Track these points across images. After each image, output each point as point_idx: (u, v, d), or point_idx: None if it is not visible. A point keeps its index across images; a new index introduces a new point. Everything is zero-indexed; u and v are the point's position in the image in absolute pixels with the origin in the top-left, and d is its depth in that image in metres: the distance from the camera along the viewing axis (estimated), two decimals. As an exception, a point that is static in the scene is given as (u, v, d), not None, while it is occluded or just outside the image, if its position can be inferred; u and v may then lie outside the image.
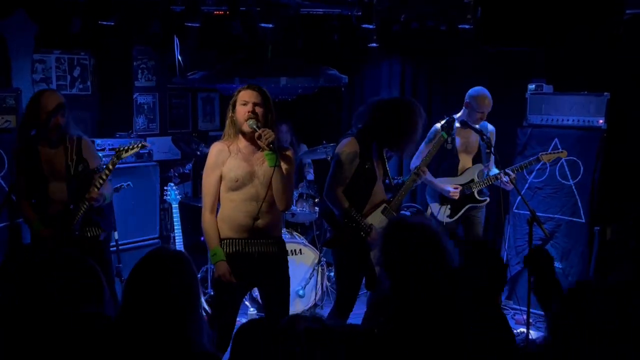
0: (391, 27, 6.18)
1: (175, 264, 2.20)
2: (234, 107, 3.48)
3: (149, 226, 5.88)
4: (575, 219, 5.08)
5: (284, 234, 5.40)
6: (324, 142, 5.89)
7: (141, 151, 5.92)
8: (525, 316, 4.26)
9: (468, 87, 4.95)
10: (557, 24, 2.85)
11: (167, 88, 6.64)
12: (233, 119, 3.49)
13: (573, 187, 5.09)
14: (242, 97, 3.45)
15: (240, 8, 5.29)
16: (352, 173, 3.85)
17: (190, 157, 6.24)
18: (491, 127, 4.95)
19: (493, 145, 4.79)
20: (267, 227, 3.50)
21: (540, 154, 4.82)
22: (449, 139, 4.76)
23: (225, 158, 3.47)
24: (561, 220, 5.15)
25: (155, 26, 5.30)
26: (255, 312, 5.19)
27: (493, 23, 2.96)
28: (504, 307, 5.21)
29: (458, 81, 6.06)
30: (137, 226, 5.48)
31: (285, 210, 3.68)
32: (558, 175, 5.16)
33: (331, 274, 5.77)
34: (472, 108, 4.74)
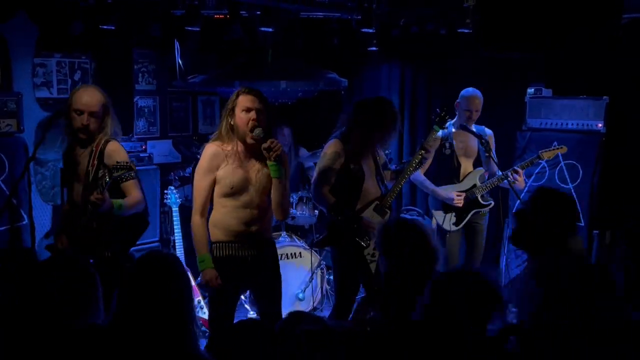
0: (391, 31, 6.19)
1: (168, 268, 2.19)
2: (232, 111, 3.43)
3: (149, 229, 5.85)
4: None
5: (284, 237, 5.42)
6: (324, 145, 5.90)
7: (141, 154, 6.01)
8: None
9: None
10: (556, 28, 2.86)
11: (168, 91, 6.65)
12: (231, 123, 3.43)
13: (572, 191, 5.09)
14: (243, 103, 3.39)
15: (241, 12, 5.31)
16: (336, 172, 3.90)
17: (191, 161, 6.24)
18: (489, 131, 4.94)
19: (492, 149, 4.78)
20: (259, 231, 3.50)
21: (540, 151, 4.78)
22: (447, 144, 4.79)
23: (220, 162, 3.42)
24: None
25: (155, 30, 5.31)
26: (255, 314, 5.19)
27: (493, 27, 2.97)
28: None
29: (457, 85, 6.04)
30: (137, 229, 5.47)
31: (283, 220, 3.71)
32: (557, 179, 5.17)
33: (330, 277, 5.77)
34: (461, 107, 4.76)
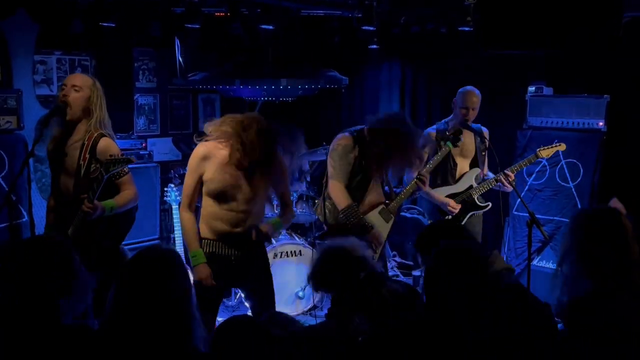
0: (391, 30, 6.18)
1: (166, 263, 2.16)
2: (248, 134, 3.30)
3: (149, 227, 5.89)
4: (575, 221, 5.07)
5: (284, 235, 5.41)
6: (324, 143, 5.89)
7: (141, 152, 6.00)
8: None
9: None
10: (557, 26, 2.86)
11: (168, 89, 6.65)
12: (241, 143, 3.30)
13: (573, 190, 5.09)
14: (252, 140, 3.31)
15: (241, 10, 5.30)
16: (350, 166, 3.87)
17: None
18: (485, 130, 4.79)
19: (488, 148, 4.67)
20: (246, 232, 3.45)
21: (538, 149, 4.69)
22: (442, 143, 4.69)
23: (208, 165, 3.37)
24: (561, 222, 5.14)
25: (155, 28, 5.30)
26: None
27: (493, 25, 2.97)
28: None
29: (458, 84, 6.04)
30: (137, 227, 5.40)
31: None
32: (558, 178, 5.17)
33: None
34: (457, 105, 4.61)
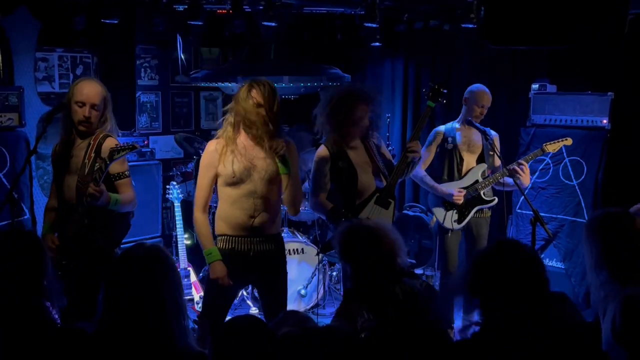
0: (394, 27, 6.17)
1: (153, 261, 2.13)
2: (245, 102, 3.36)
3: (151, 225, 5.89)
4: (578, 219, 5.06)
5: (286, 233, 5.40)
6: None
7: (143, 149, 5.99)
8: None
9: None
10: (562, 22, 2.84)
11: (170, 87, 6.65)
12: (242, 115, 3.37)
13: (576, 187, 5.07)
14: (255, 97, 3.34)
15: (244, 7, 5.28)
16: (328, 177, 3.88)
17: (193, 156, 6.24)
18: (494, 133, 4.78)
19: (497, 151, 4.60)
20: (264, 224, 3.46)
21: (544, 144, 4.65)
22: (449, 139, 4.69)
23: (220, 156, 3.41)
24: (564, 220, 5.13)
25: (158, 25, 5.29)
26: (257, 311, 5.18)
27: (499, 21, 2.94)
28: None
29: (461, 81, 6.05)
30: (139, 225, 5.41)
31: (295, 214, 3.69)
32: (561, 175, 5.15)
33: (333, 274, 5.76)
34: (470, 103, 4.63)
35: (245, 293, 5.32)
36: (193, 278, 5.36)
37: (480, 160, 4.74)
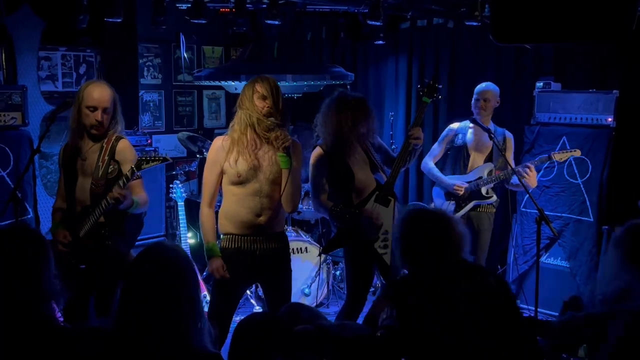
0: (398, 24, 6.15)
1: (174, 261, 2.13)
2: (250, 98, 3.38)
3: (154, 224, 5.86)
4: (583, 218, 5.04)
5: (290, 232, 5.39)
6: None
7: (146, 148, 5.98)
8: (533, 315, 4.22)
9: (475, 84, 4.93)
10: (569, 19, 2.81)
11: (173, 85, 6.64)
12: (249, 111, 3.39)
13: (581, 186, 5.05)
14: (260, 90, 3.37)
15: (247, 5, 5.27)
16: (326, 178, 3.88)
17: (196, 155, 6.24)
18: (509, 134, 4.89)
19: (512, 153, 4.74)
20: (269, 223, 3.46)
21: (551, 152, 4.72)
22: (460, 135, 4.82)
23: (226, 154, 3.41)
24: (569, 219, 5.11)
25: (161, 23, 5.28)
26: (261, 310, 5.17)
27: (506, 19, 2.92)
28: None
29: (465, 79, 6.03)
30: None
31: (292, 212, 3.67)
32: (566, 174, 5.12)
33: (337, 272, 5.75)
34: (474, 99, 4.79)
35: (248, 292, 5.31)
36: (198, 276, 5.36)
37: (488, 160, 4.85)
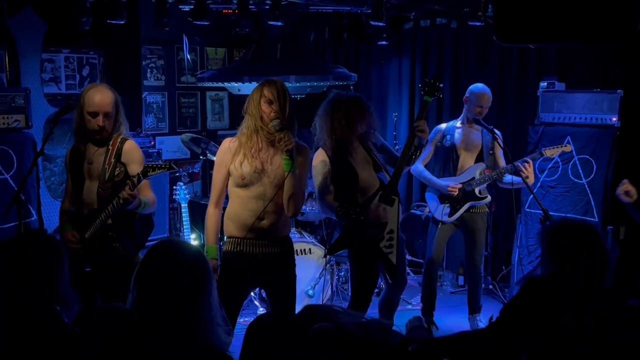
0: (401, 25, 6.14)
1: (178, 256, 2.11)
2: (257, 102, 3.38)
3: (158, 225, 5.82)
4: (588, 218, 5.02)
5: (293, 233, 5.38)
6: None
7: (150, 150, 5.98)
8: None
9: (479, 85, 4.91)
10: (573, 18, 2.80)
11: (176, 87, 6.64)
12: (256, 115, 3.38)
13: (586, 186, 5.03)
14: (267, 95, 3.36)
15: (249, 6, 5.26)
16: (330, 179, 3.86)
17: (199, 156, 6.23)
18: (498, 133, 4.77)
19: (503, 149, 4.66)
20: (272, 227, 3.45)
21: (543, 149, 4.69)
22: (448, 136, 4.77)
23: (232, 155, 3.42)
24: (574, 219, 5.09)
25: (163, 25, 5.28)
26: (265, 311, 5.16)
27: (508, 19, 2.91)
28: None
29: (468, 79, 6.01)
30: (146, 225, 5.46)
31: (293, 216, 3.65)
32: (570, 174, 5.11)
33: (341, 274, 5.74)
34: (470, 102, 4.69)
35: (252, 294, 5.30)
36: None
37: (479, 159, 4.79)
